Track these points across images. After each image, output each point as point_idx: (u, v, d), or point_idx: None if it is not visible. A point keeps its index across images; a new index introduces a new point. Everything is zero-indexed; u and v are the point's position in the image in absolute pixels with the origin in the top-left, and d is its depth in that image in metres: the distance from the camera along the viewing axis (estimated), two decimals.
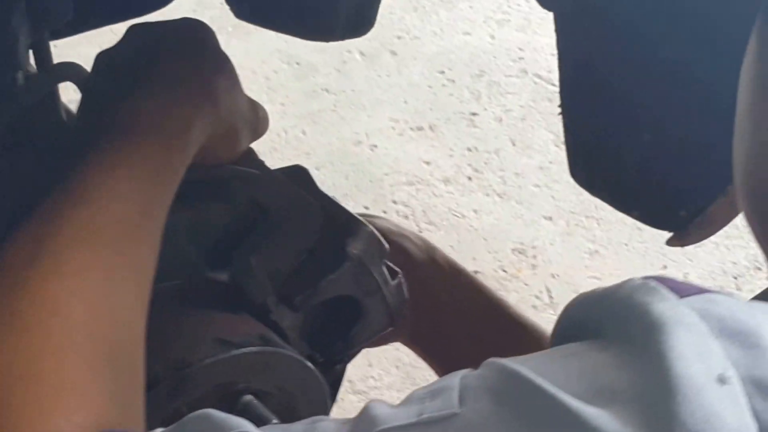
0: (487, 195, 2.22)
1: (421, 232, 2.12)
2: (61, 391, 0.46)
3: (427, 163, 2.28)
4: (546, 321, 1.97)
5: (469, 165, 2.26)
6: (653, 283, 0.39)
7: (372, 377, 1.80)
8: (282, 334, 0.73)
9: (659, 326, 0.36)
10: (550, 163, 2.26)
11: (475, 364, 0.86)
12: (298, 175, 0.76)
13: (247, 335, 0.68)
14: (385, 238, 0.82)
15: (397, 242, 0.86)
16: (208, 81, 0.63)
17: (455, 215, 2.17)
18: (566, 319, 0.44)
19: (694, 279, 1.96)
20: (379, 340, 0.83)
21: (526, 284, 2.02)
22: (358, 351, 0.80)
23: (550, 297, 1.99)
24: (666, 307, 0.37)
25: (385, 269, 0.75)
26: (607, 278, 2.00)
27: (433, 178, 2.24)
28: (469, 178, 2.24)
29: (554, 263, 2.06)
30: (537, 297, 1.99)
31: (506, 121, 2.36)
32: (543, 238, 2.11)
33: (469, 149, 2.30)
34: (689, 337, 0.36)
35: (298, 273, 0.72)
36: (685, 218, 0.87)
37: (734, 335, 0.36)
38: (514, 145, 2.30)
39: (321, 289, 0.72)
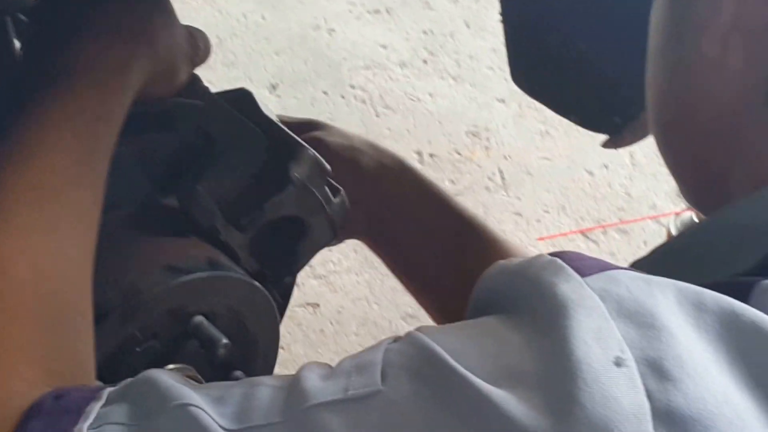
0: (442, 78, 2.23)
1: (378, 116, 2.14)
2: (12, 351, 0.47)
3: (384, 47, 2.27)
4: (498, 202, 2.03)
5: (425, 48, 2.26)
6: (560, 262, 0.41)
7: (331, 261, 1.86)
8: (232, 254, 0.76)
9: (563, 309, 0.38)
10: (504, 45, 2.26)
11: (419, 256, 0.90)
12: (242, 100, 0.78)
13: (196, 260, 0.71)
14: (336, 153, 0.85)
15: (348, 156, 0.89)
16: (143, 22, 0.63)
17: (411, 99, 2.19)
18: (483, 290, 0.46)
19: (640, 159, 2.01)
20: (337, 241, 0.88)
21: (479, 166, 2.07)
22: (305, 264, 0.84)
23: (503, 178, 2.04)
24: (570, 288, 0.39)
25: (327, 189, 0.78)
26: (557, 159, 2.05)
27: (390, 62, 2.24)
28: (425, 62, 2.25)
29: (506, 145, 2.10)
30: (490, 179, 2.03)
31: (461, 2, 2.34)
32: (496, 120, 2.14)
33: (424, 32, 2.29)
34: (589, 321, 0.38)
35: (244, 196, 0.74)
36: (619, 124, 0.91)
37: (631, 315, 0.38)
38: (468, 27, 2.30)
39: (266, 211, 0.75)
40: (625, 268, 0.41)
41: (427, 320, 1.72)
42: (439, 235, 0.91)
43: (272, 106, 2.12)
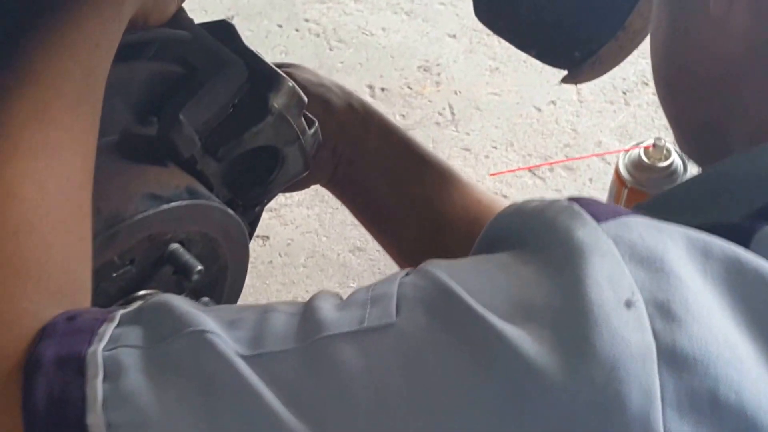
0: (395, 13, 2.23)
1: (331, 50, 2.14)
2: (22, 274, 0.48)
3: None
4: (449, 137, 2.05)
5: None
6: (576, 207, 0.42)
7: (283, 195, 1.86)
8: (206, 182, 0.78)
9: (579, 252, 0.40)
10: None
11: (385, 201, 0.92)
12: (224, 31, 0.78)
13: (176, 188, 0.72)
14: (307, 89, 0.86)
15: (318, 92, 0.90)
16: None
17: (364, 33, 2.18)
18: (495, 228, 0.48)
19: (587, 96, 2.04)
20: (300, 184, 0.89)
21: (430, 101, 2.08)
22: (276, 193, 0.86)
23: (452, 113, 2.06)
24: (586, 233, 0.41)
25: (303, 120, 0.80)
26: (506, 94, 2.08)
27: None
28: None
29: (457, 80, 2.11)
30: (440, 114, 2.05)
31: None
32: (447, 55, 2.15)
33: None
34: (603, 264, 0.39)
35: (223, 126, 0.76)
36: (578, 59, 0.94)
37: (642, 260, 0.39)
38: None
39: (244, 141, 0.76)
40: (638, 215, 0.43)
41: (374, 252, 1.76)
42: (404, 179, 0.92)
43: None
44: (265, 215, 1.92)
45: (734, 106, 0.53)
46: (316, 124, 0.82)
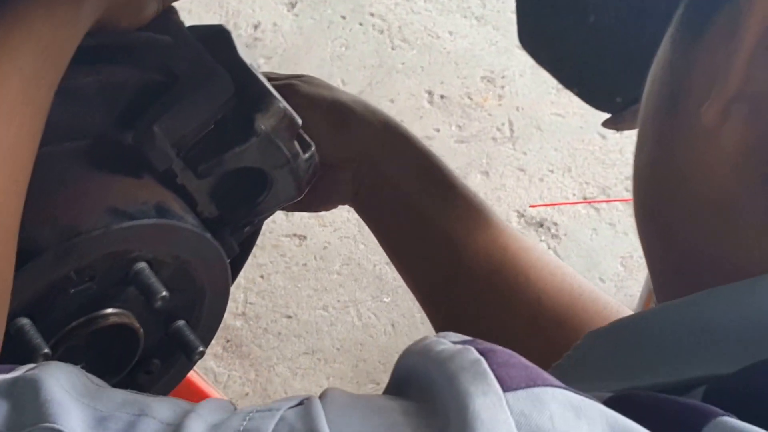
0: (465, 17, 2.16)
1: (393, 49, 2.08)
2: None
3: None
4: (505, 155, 1.99)
5: None
6: (483, 367, 0.36)
7: None
8: (188, 198, 0.73)
9: (470, 428, 0.34)
10: None
11: (404, 237, 0.85)
12: (218, 39, 0.73)
13: (144, 204, 0.68)
14: (318, 105, 0.80)
15: (334, 108, 0.84)
16: None
17: (430, 35, 2.12)
18: (402, 367, 0.43)
19: None
20: (320, 205, 0.85)
21: (489, 114, 2.01)
22: (267, 217, 0.81)
23: (512, 130, 1.98)
24: (484, 405, 0.35)
25: (296, 143, 0.74)
26: (570, 117, 1.99)
27: None
28: None
29: (521, 95, 2.03)
30: (498, 129, 1.98)
31: None
32: (514, 68, 2.07)
33: None
34: None
35: (204, 143, 0.71)
36: (620, 105, 0.87)
37: None
38: None
39: (226, 160, 0.71)
40: (559, 386, 0.36)
41: None
42: (428, 213, 0.83)
43: (288, 25, 2.06)
44: (305, 214, 1.89)
45: (725, 237, 0.45)
46: (313, 148, 0.76)
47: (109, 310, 0.69)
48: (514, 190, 1.91)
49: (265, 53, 2.01)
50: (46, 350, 0.63)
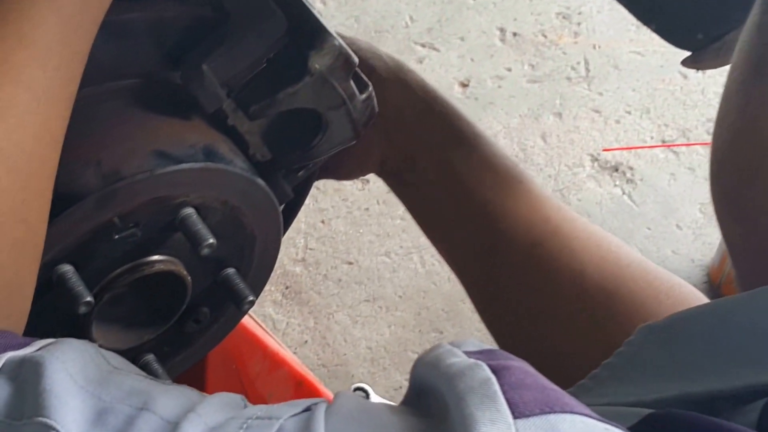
0: None
1: None
2: None
3: None
4: (579, 95, 1.91)
5: None
6: (494, 388, 0.33)
7: None
8: (240, 140, 0.70)
9: None
10: None
11: (438, 206, 0.80)
12: None
13: (192, 147, 0.65)
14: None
15: (365, 61, 0.79)
16: None
17: None
18: (416, 377, 0.40)
19: None
20: (350, 173, 0.80)
21: (564, 53, 1.93)
22: (323, 160, 0.77)
23: (587, 69, 1.90)
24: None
25: (352, 83, 0.70)
26: (650, 55, 1.90)
27: None
28: None
29: (598, 33, 1.95)
30: (573, 68, 1.90)
31: None
32: (591, 3, 1.98)
33: None
34: None
35: (255, 82, 0.67)
36: (701, 42, 0.82)
37: None
38: None
39: (278, 101, 0.68)
40: (580, 411, 0.33)
41: None
42: (464, 181, 0.78)
43: None
44: None
45: None
46: (370, 88, 0.72)
47: (155, 257, 0.67)
48: (588, 133, 1.83)
49: None
50: (89, 298, 0.61)
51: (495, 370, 0.34)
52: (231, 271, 0.72)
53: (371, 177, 1.70)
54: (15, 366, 0.40)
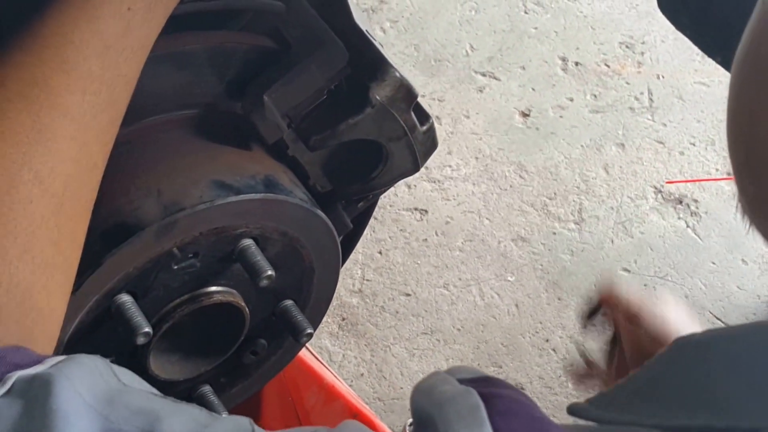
0: None
1: (527, 13, 1.99)
2: None
3: None
4: (642, 126, 1.88)
5: None
6: (481, 414, 0.34)
7: (449, 166, 1.76)
8: (300, 170, 0.69)
9: None
10: None
11: None
12: (332, 2, 0.68)
13: (252, 178, 0.64)
14: None
15: None
16: None
17: None
18: (413, 402, 0.40)
19: None
20: None
21: (627, 83, 1.90)
22: (383, 192, 0.76)
23: (651, 100, 1.87)
24: None
25: (413, 114, 0.69)
26: (716, 86, 1.86)
27: None
28: None
29: (661, 63, 1.91)
30: (636, 98, 1.87)
31: None
32: (655, 33, 1.95)
33: None
34: None
35: (316, 112, 0.67)
36: None
37: None
38: None
39: (339, 132, 0.67)
40: None
41: (538, 245, 1.63)
42: None
43: None
44: (427, 186, 1.83)
45: None
46: (431, 120, 0.71)
47: (214, 288, 0.66)
48: (651, 164, 1.80)
49: (390, 17, 1.96)
50: (148, 329, 0.60)
51: (485, 398, 0.35)
52: (289, 302, 0.71)
53: (430, 207, 1.69)
54: (25, 384, 0.40)
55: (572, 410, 0.39)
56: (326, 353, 1.43)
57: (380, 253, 1.59)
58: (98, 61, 0.50)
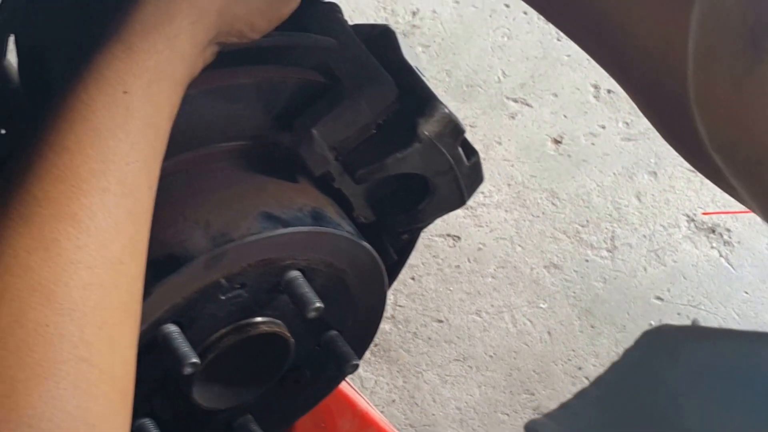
0: None
1: (559, 40, 1.99)
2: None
3: None
4: (675, 154, 1.86)
5: None
6: None
7: (482, 193, 1.76)
8: (345, 202, 0.70)
9: None
10: None
11: None
12: (382, 39, 0.69)
13: (299, 210, 0.65)
14: None
15: None
16: None
17: None
18: None
19: None
20: None
21: None
22: (427, 225, 0.76)
23: None
24: None
25: (460, 149, 0.70)
26: None
27: None
28: None
29: None
30: None
31: None
32: None
33: None
34: None
35: (364, 146, 0.68)
36: None
37: None
38: None
39: (386, 166, 0.68)
40: None
41: (571, 272, 1.62)
42: None
43: (448, 12, 2.01)
44: (459, 212, 1.83)
45: None
46: (477, 155, 0.71)
47: (260, 319, 0.67)
48: (684, 193, 1.79)
49: (422, 41, 1.97)
50: (195, 359, 0.61)
51: None
52: (334, 333, 0.71)
53: (462, 234, 1.69)
54: None
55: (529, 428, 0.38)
56: (358, 379, 1.43)
57: (413, 279, 1.59)
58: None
